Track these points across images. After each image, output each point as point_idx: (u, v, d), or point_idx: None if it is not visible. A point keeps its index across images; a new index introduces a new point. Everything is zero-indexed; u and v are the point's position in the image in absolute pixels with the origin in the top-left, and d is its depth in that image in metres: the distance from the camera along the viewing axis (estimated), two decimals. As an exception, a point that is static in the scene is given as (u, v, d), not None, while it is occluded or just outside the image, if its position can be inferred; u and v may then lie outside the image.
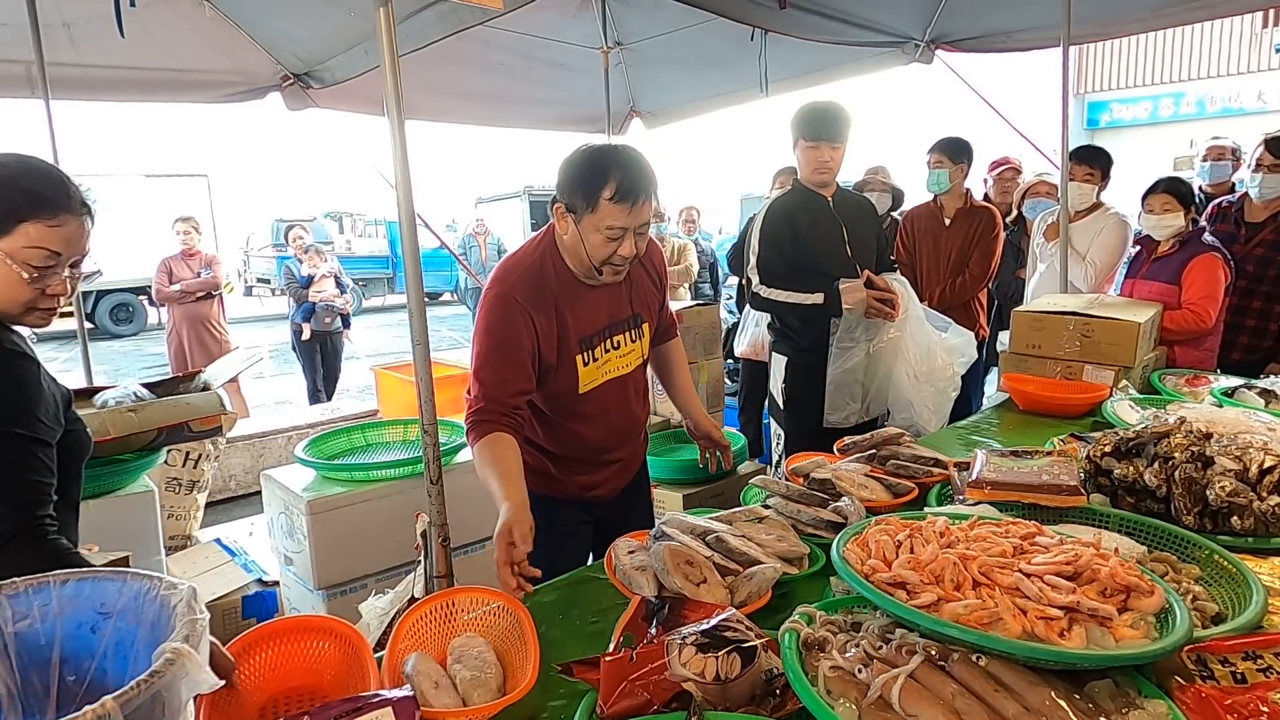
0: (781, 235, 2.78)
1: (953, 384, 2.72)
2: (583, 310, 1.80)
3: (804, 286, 2.70)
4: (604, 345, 1.86)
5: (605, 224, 1.64)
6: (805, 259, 2.76)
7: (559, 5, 4.02)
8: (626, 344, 1.92)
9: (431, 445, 1.84)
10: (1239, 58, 14.95)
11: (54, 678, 0.97)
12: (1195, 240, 3.09)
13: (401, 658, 1.17)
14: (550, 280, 1.77)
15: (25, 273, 1.25)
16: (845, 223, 2.82)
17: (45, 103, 3.24)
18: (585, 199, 1.64)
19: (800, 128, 2.70)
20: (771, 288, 2.76)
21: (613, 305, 1.87)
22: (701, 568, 1.36)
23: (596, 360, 1.85)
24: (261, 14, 3.67)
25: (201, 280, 6.11)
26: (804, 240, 2.77)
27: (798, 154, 2.76)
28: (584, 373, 1.84)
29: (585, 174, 1.65)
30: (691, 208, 7.21)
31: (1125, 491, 1.60)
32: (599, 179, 1.62)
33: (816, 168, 2.72)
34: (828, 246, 2.79)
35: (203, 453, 3.56)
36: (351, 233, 18.94)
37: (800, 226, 2.77)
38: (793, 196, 2.84)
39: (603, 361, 1.87)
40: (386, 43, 1.70)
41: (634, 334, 1.93)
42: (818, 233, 2.78)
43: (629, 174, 1.62)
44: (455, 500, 1.96)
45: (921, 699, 0.91)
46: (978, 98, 5.25)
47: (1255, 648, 1.01)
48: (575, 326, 1.79)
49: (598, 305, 1.84)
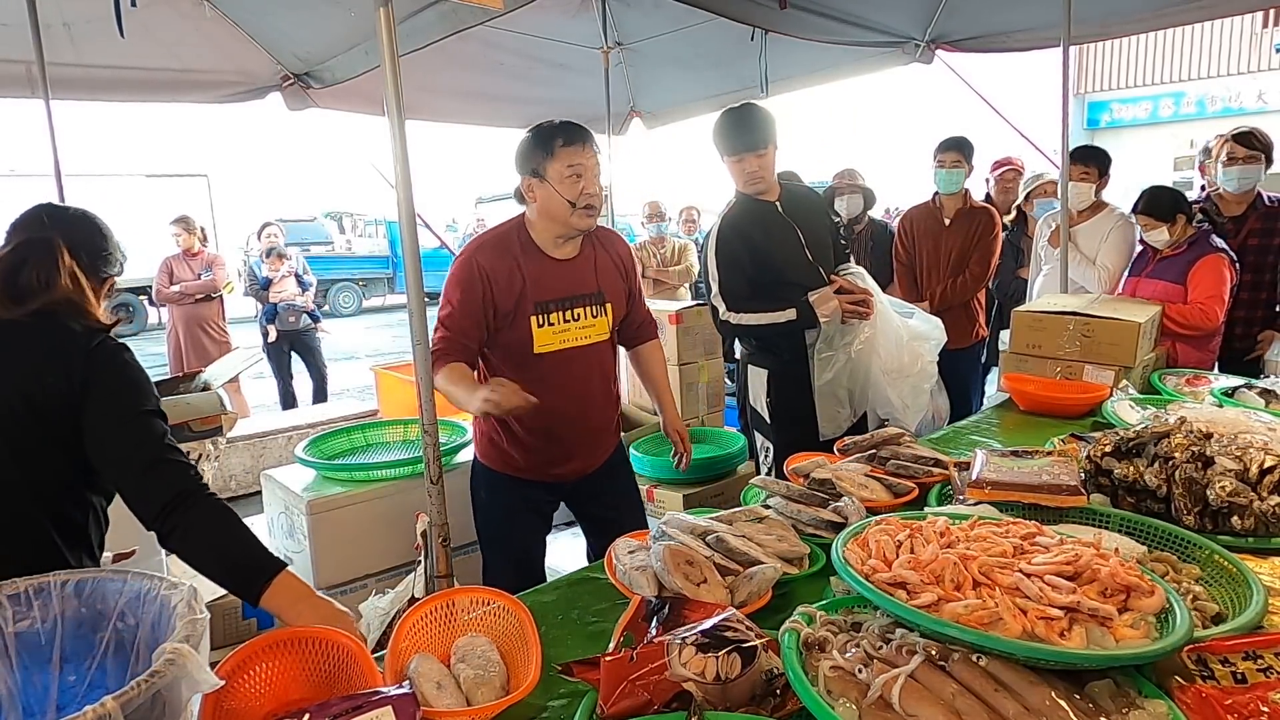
0: (738, 254, 2.64)
1: (927, 377, 2.65)
2: (543, 277, 2.06)
3: (773, 303, 2.58)
4: (562, 314, 2.09)
5: (566, 164, 1.96)
6: (767, 273, 2.63)
7: (559, 5, 4.02)
8: (587, 317, 2.13)
9: (431, 445, 1.84)
10: (1239, 58, 14.96)
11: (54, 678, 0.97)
12: (1202, 241, 3.10)
13: (403, 658, 1.17)
14: (514, 246, 2.06)
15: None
16: (798, 224, 2.68)
17: (45, 103, 3.23)
18: (543, 153, 1.98)
19: (719, 143, 2.62)
20: (740, 312, 2.63)
21: (574, 278, 2.11)
22: (701, 568, 1.36)
23: (553, 325, 2.07)
24: (261, 14, 3.66)
25: (200, 283, 6.08)
26: (761, 253, 2.63)
27: (727, 169, 2.65)
28: (539, 334, 2.06)
29: (536, 138, 2.01)
30: (691, 208, 7.20)
31: (1125, 491, 1.60)
32: (548, 135, 1.98)
33: (747, 180, 2.62)
34: (786, 254, 2.65)
35: (203, 453, 3.56)
36: (351, 233, 18.93)
37: (755, 240, 2.64)
38: (740, 210, 2.69)
39: (560, 328, 2.09)
40: (386, 43, 1.70)
41: (596, 309, 2.15)
42: (773, 242, 2.64)
43: (569, 127, 2.00)
44: (455, 500, 1.96)
45: (922, 699, 0.91)
46: (978, 98, 5.25)
47: (1255, 648, 1.01)
48: (533, 290, 2.04)
49: (559, 276, 2.09)
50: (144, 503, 1.31)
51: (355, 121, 4.61)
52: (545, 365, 2.08)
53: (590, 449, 2.24)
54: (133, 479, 1.33)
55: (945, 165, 3.87)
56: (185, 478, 1.33)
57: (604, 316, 2.17)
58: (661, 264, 5.99)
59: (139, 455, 1.33)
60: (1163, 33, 14.53)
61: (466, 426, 3.01)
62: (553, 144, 1.97)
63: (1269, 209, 3.35)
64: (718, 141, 2.63)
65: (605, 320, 2.17)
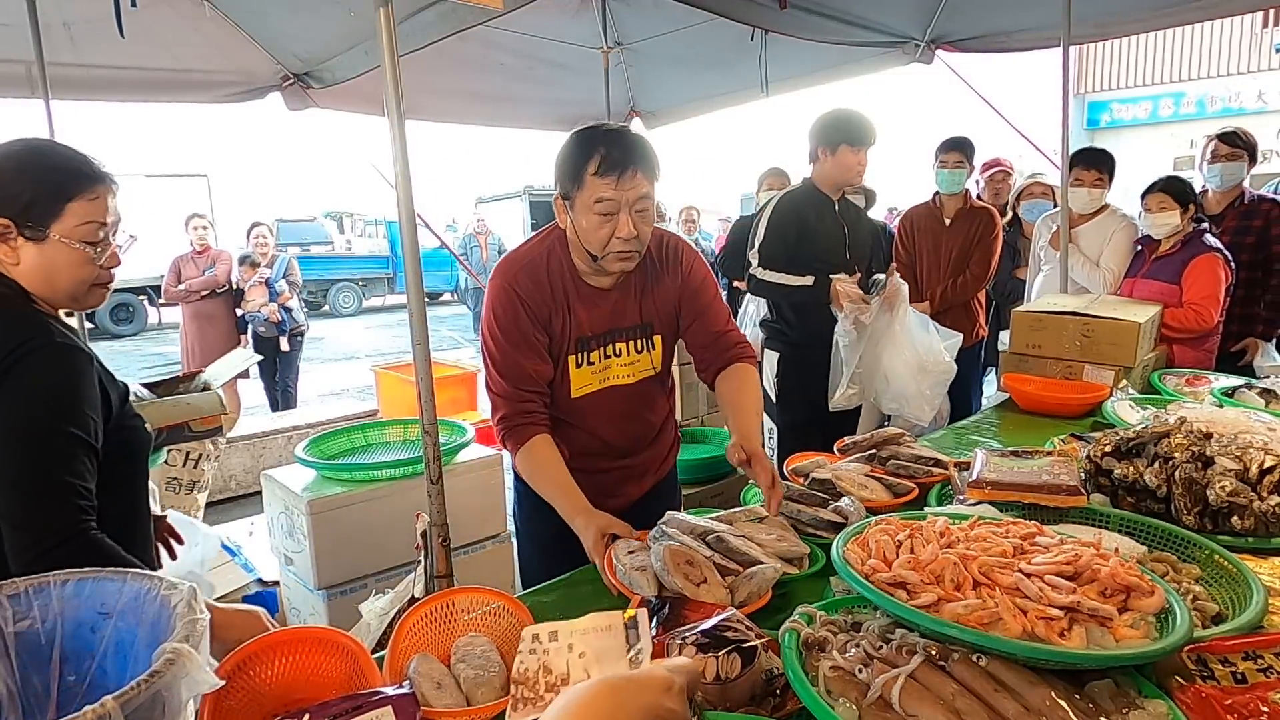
0: (788, 227, 2.95)
1: (949, 371, 2.83)
2: (583, 309, 1.73)
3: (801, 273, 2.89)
4: (603, 351, 1.77)
5: (594, 199, 1.56)
6: (806, 252, 2.93)
7: (559, 5, 4.02)
8: (630, 353, 1.80)
9: (431, 445, 1.84)
10: (1239, 58, 14.96)
11: (54, 678, 0.97)
12: (1196, 240, 3.11)
13: (402, 658, 1.17)
14: (554, 273, 1.71)
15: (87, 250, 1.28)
16: (847, 226, 3.01)
17: (45, 103, 3.23)
18: (573, 178, 1.58)
19: (841, 133, 2.85)
20: (768, 270, 2.94)
21: (618, 309, 1.77)
22: (701, 568, 1.36)
23: (592, 365, 1.77)
24: (261, 14, 3.66)
25: (205, 278, 6.07)
26: (808, 235, 2.93)
27: (832, 157, 2.90)
28: (576, 375, 1.76)
29: (571, 154, 1.59)
30: (691, 208, 7.21)
31: (1125, 491, 1.60)
32: (583, 154, 1.56)
33: (857, 172, 2.88)
34: (829, 244, 2.97)
35: (203, 453, 3.56)
36: (351, 233, 18.94)
37: (807, 221, 2.94)
38: (803, 194, 3.01)
39: (600, 367, 1.78)
40: (386, 43, 1.70)
41: (641, 343, 1.81)
42: (823, 229, 2.95)
43: (614, 145, 1.55)
44: (455, 500, 1.96)
45: (922, 699, 0.91)
46: (978, 98, 5.25)
47: (1255, 648, 1.01)
48: (574, 325, 1.73)
49: (601, 307, 1.75)
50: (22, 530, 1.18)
51: (355, 121, 4.62)
52: (583, 404, 1.80)
53: (637, 484, 1.97)
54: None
55: (947, 165, 3.87)
56: (73, 519, 1.19)
57: (651, 352, 1.83)
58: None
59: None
60: (1163, 33, 14.55)
61: (467, 427, 3.01)
62: (584, 169, 1.56)
63: (1245, 208, 3.38)
64: (839, 131, 2.87)
65: (653, 355, 1.84)
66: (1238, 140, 3.34)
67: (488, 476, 2.86)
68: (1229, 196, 3.42)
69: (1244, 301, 3.37)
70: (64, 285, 1.30)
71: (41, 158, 1.28)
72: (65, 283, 1.30)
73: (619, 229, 1.58)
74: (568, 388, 1.77)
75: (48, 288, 1.29)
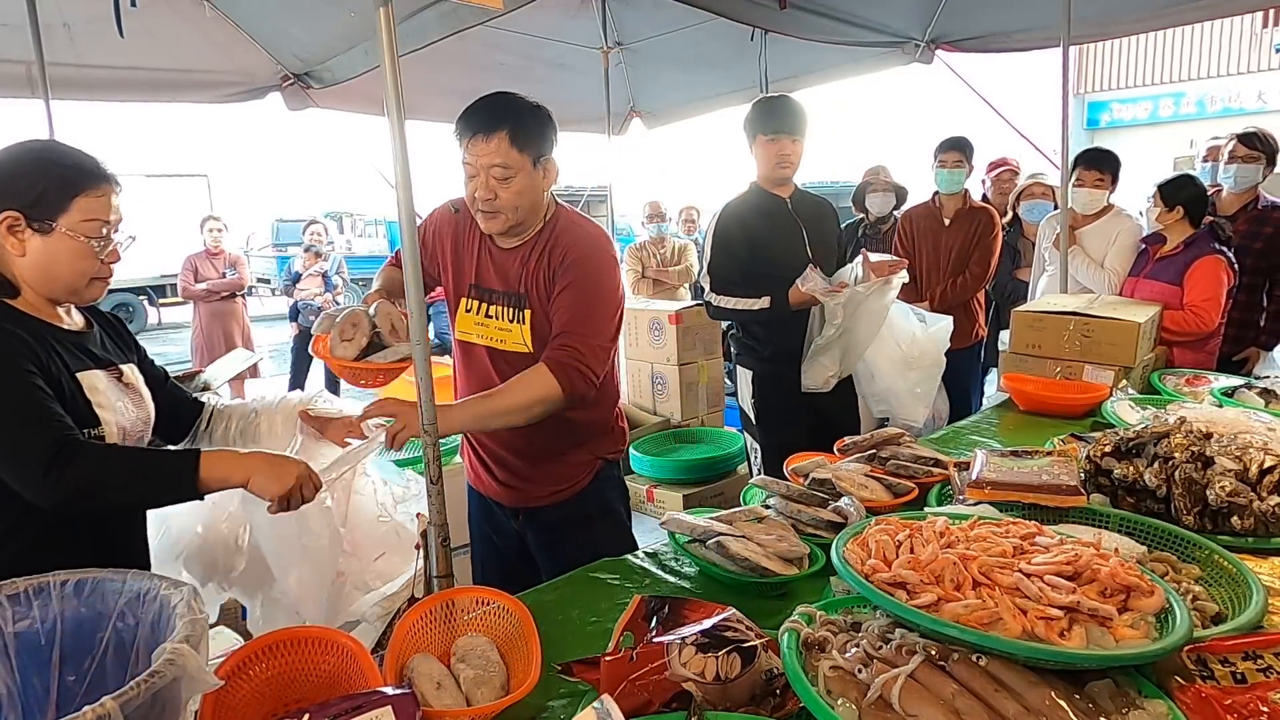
0: (734, 240, 2.65)
1: (937, 364, 2.68)
2: (483, 261, 1.86)
3: (756, 293, 2.59)
4: (484, 306, 1.87)
5: (463, 163, 1.72)
6: (761, 263, 2.64)
7: (559, 5, 4.02)
8: (502, 318, 1.84)
9: (431, 445, 1.83)
10: (1239, 58, 14.95)
11: (54, 678, 0.97)
12: (1200, 242, 3.10)
13: (403, 658, 1.17)
14: (469, 223, 1.85)
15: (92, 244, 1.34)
16: (804, 224, 2.70)
17: (45, 103, 3.23)
18: (457, 138, 1.75)
19: (758, 123, 2.62)
20: (722, 295, 2.64)
21: (507, 273, 1.83)
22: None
23: (475, 314, 1.87)
24: (261, 14, 3.66)
25: (228, 280, 6.30)
26: (760, 244, 2.64)
27: (755, 151, 2.66)
28: (462, 318, 1.89)
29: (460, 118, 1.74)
30: (691, 208, 7.20)
31: (1125, 491, 1.60)
32: (459, 121, 1.73)
33: (778, 162, 2.61)
34: (786, 248, 2.66)
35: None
36: (351, 233, 18.92)
37: (756, 230, 2.64)
38: (747, 198, 2.71)
39: (481, 319, 1.87)
40: (386, 43, 1.70)
41: (512, 312, 1.83)
42: (775, 235, 2.65)
43: (473, 110, 1.71)
44: (455, 500, 1.96)
45: (921, 699, 0.91)
46: (978, 98, 5.25)
47: (1255, 648, 1.01)
48: (472, 271, 1.87)
49: (496, 266, 1.85)
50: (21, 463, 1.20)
51: (355, 121, 4.62)
52: (473, 359, 1.91)
53: (536, 477, 1.92)
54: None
55: (946, 165, 3.87)
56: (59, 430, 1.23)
57: (521, 325, 1.82)
58: (661, 264, 6.00)
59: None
60: (1163, 33, 14.52)
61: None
62: (459, 135, 1.74)
63: (1258, 213, 3.36)
64: (754, 121, 2.63)
65: (523, 329, 1.82)
66: (1257, 143, 3.30)
67: (488, 476, 2.85)
68: (1243, 199, 3.39)
69: (1245, 306, 3.36)
70: (64, 276, 1.34)
71: (52, 155, 1.35)
72: (66, 274, 1.34)
73: (477, 189, 1.72)
74: (455, 323, 1.92)
75: (45, 279, 1.34)
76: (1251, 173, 3.32)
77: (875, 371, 2.67)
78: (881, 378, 2.66)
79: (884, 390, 2.69)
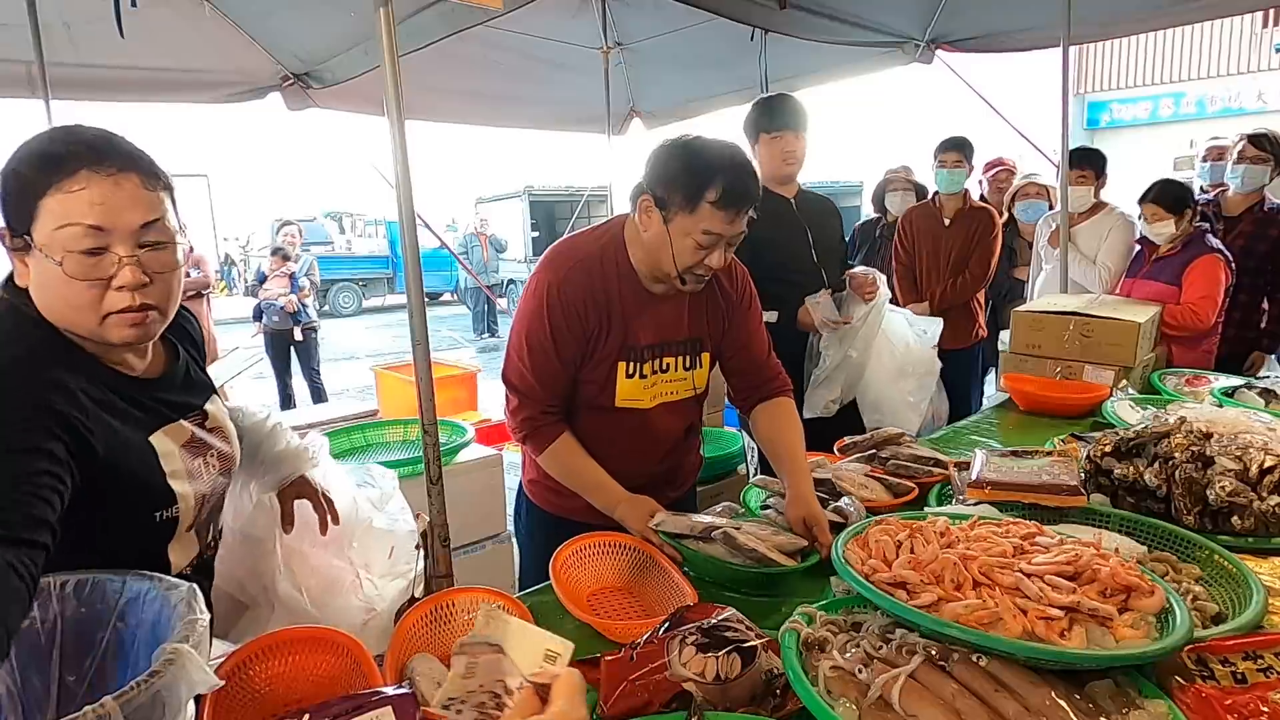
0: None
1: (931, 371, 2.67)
2: (636, 317, 1.63)
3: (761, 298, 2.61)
4: (652, 364, 1.67)
5: (702, 228, 1.48)
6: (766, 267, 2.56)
7: (559, 5, 4.02)
8: (677, 369, 1.70)
9: (431, 445, 1.84)
10: (1239, 58, 14.94)
11: (54, 678, 0.96)
12: (1198, 241, 3.10)
13: (403, 658, 1.17)
14: (608, 274, 1.60)
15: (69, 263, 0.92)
16: (809, 225, 2.68)
17: (45, 103, 3.23)
18: (685, 198, 1.48)
19: (759, 121, 2.59)
20: None
21: (669, 321, 1.67)
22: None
23: (645, 378, 1.67)
24: (261, 14, 3.66)
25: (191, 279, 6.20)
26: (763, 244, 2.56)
27: (758, 152, 2.62)
28: (624, 385, 1.65)
29: (689, 170, 1.48)
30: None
31: (1125, 491, 1.60)
32: (704, 178, 1.47)
33: (783, 159, 2.56)
34: (791, 251, 2.63)
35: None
36: (351, 233, 18.93)
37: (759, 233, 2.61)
38: None
39: (650, 381, 1.68)
40: (386, 43, 1.70)
41: (688, 359, 1.71)
42: (780, 235, 2.61)
43: (737, 177, 1.48)
44: (455, 500, 1.96)
45: (922, 699, 0.90)
46: (978, 98, 5.25)
47: (1255, 648, 1.01)
48: (625, 332, 1.62)
49: (653, 317, 1.65)
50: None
51: (355, 121, 4.61)
52: (622, 418, 1.69)
53: (661, 499, 1.80)
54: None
55: (946, 165, 3.87)
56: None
57: (695, 371, 1.73)
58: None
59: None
60: (1163, 33, 14.50)
61: (467, 427, 3.01)
62: (702, 195, 1.47)
63: (1265, 215, 3.35)
64: (756, 120, 2.60)
65: (696, 374, 1.74)
66: (1267, 144, 3.29)
67: (488, 476, 2.85)
68: (1249, 200, 3.39)
69: (1245, 307, 3.36)
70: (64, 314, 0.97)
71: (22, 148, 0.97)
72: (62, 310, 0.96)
73: (712, 258, 1.53)
74: (612, 393, 1.66)
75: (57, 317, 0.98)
76: (1259, 174, 3.32)
77: (868, 382, 2.65)
78: (874, 388, 2.65)
79: (876, 400, 2.67)
